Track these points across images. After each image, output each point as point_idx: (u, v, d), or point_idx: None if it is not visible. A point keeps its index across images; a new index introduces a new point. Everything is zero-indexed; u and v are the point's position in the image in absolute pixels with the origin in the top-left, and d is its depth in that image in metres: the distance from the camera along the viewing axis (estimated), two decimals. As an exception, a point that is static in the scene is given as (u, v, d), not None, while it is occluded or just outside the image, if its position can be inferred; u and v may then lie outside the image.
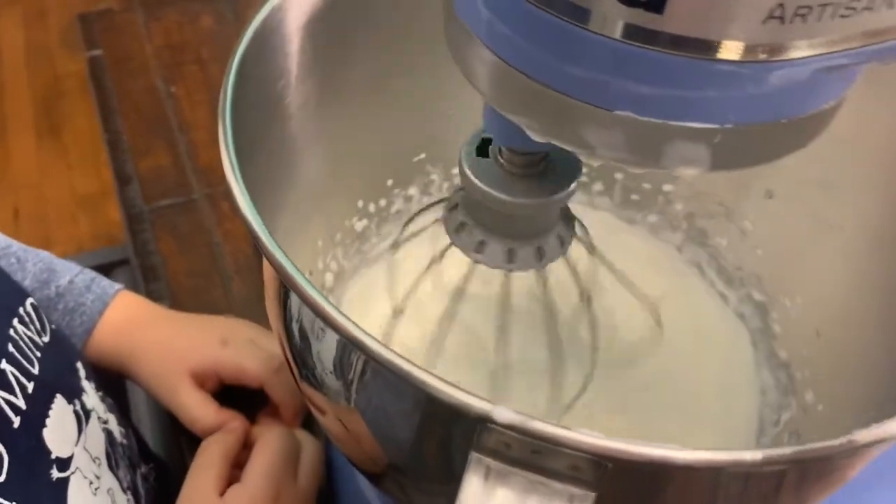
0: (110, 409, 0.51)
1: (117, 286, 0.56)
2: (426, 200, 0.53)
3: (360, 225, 0.50)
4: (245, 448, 0.48)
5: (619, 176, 0.53)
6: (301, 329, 0.32)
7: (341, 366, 0.30)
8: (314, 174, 0.43)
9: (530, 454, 0.24)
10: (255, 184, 0.36)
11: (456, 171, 0.53)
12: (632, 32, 0.23)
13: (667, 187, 0.52)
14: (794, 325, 0.46)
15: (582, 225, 0.39)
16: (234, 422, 0.49)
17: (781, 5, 0.21)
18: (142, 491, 0.51)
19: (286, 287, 0.31)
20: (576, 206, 0.55)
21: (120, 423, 0.52)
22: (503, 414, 0.23)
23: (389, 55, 0.44)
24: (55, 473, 0.40)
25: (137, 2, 0.85)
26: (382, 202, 0.51)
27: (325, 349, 0.31)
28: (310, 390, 0.35)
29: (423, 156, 0.51)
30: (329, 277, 0.48)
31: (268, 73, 0.37)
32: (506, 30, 0.25)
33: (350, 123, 0.44)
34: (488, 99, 0.28)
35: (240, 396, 0.52)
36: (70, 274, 0.55)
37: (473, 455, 0.25)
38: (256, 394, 0.53)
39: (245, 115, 0.35)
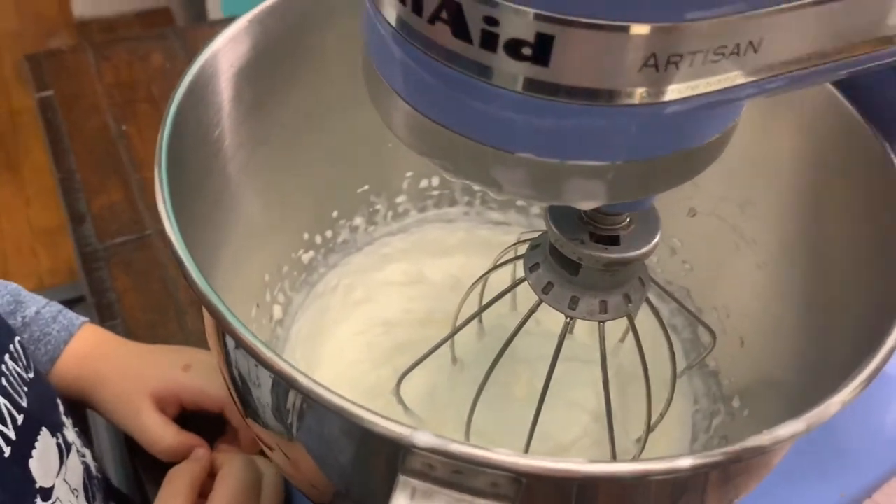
0: (86, 445, 0.53)
1: (83, 319, 0.57)
2: (372, 230, 0.55)
3: (306, 257, 0.51)
4: (209, 476, 0.50)
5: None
6: (241, 371, 0.34)
7: (279, 403, 0.32)
8: (257, 210, 0.45)
9: (453, 474, 0.26)
10: (196, 223, 0.38)
11: (400, 199, 0.55)
12: (525, 84, 0.25)
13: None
14: (721, 335, 0.48)
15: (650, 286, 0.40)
16: (200, 450, 0.50)
17: (654, 55, 0.24)
18: None
19: (227, 338, 0.33)
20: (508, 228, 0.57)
21: (94, 458, 0.53)
22: (423, 438, 0.25)
23: (324, 95, 0.46)
24: (39, 502, 0.42)
25: (87, 41, 0.86)
26: (328, 233, 0.53)
27: (263, 389, 0.32)
28: (256, 427, 0.37)
29: (366, 187, 0.53)
30: (277, 310, 0.49)
31: (205, 120, 0.38)
32: (415, 81, 0.27)
33: (290, 161, 0.46)
34: (404, 142, 0.30)
35: (200, 424, 0.54)
36: (37, 305, 0.56)
37: (400, 477, 0.27)
38: (216, 421, 0.54)
39: (184, 158, 0.37)
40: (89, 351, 0.55)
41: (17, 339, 0.47)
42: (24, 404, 0.43)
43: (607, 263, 0.35)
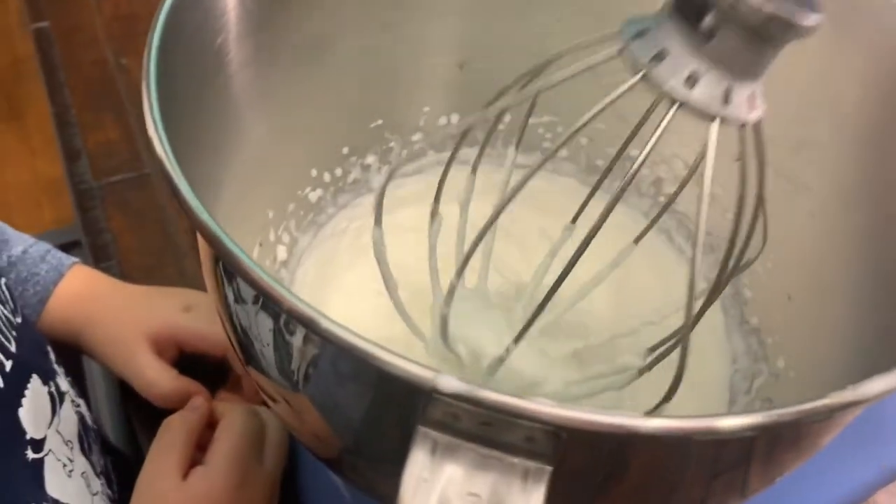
0: (80, 395, 0.49)
1: (73, 259, 0.54)
2: (385, 169, 0.51)
3: (314, 195, 0.47)
4: (208, 427, 0.46)
5: (583, 141, 0.51)
6: (239, 310, 0.30)
7: (282, 345, 0.28)
8: (260, 140, 0.40)
9: (480, 426, 0.23)
10: (193, 149, 0.34)
11: (415, 137, 0.51)
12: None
13: (633, 151, 0.50)
14: (765, 289, 0.44)
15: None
16: (198, 399, 0.47)
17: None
18: (113, 477, 0.49)
19: (223, 265, 0.29)
20: (540, 173, 0.53)
21: (90, 409, 0.50)
22: (448, 383, 0.21)
23: (343, 13, 0.42)
24: (30, 454, 0.39)
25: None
26: (338, 171, 0.49)
27: (264, 328, 0.29)
28: (256, 375, 0.33)
29: (380, 122, 0.49)
30: (281, 250, 0.45)
31: (203, 28, 0.34)
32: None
33: (299, 86, 0.42)
34: None
35: (200, 373, 0.50)
36: (24, 244, 0.53)
37: (419, 429, 0.23)
38: (217, 370, 0.50)
39: (178, 75, 0.32)
40: (81, 291, 0.51)
41: (2, 280, 0.43)
42: (13, 349, 0.40)
43: (769, 19, 0.24)
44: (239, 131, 0.38)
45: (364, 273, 0.48)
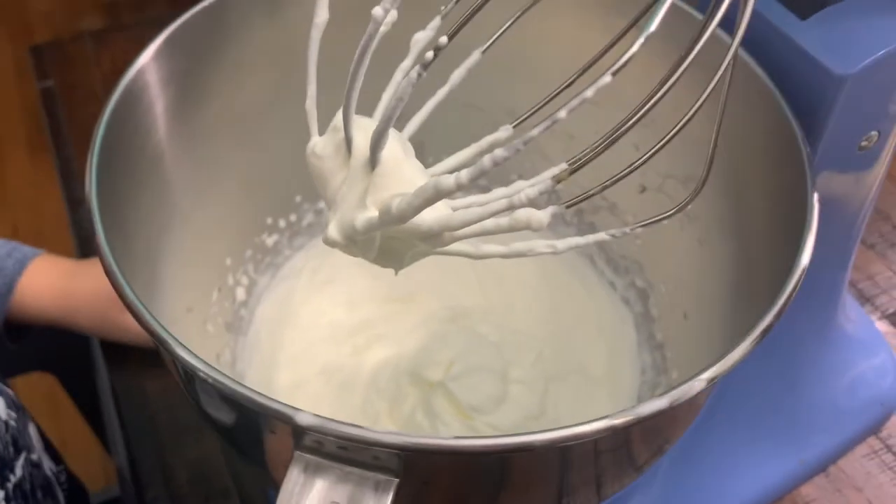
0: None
1: (38, 251, 0.61)
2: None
3: (270, 240, 0.54)
4: None
5: (514, 178, 0.57)
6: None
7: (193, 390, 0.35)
8: (214, 199, 0.47)
9: (339, 450, 0.29)
10: (143, 212, 0.40)
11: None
12: None
13: (557, 187, 0.55)
14: (667, 308, 0.49)
15: None
16: None
17: None
18: (20, 473, 0.53)
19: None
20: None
21: (10, 407, 0.54)
22: (303, 418, 0.27)
23: (272, 85, 0.48)
24: None
25: (116, 22, 0.89)
26: (293, 217, 0.55)
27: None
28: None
29: (328, 171, 0.55)
30: (240, 292, 0.52)
31: (142, 128, 0.41)
32: None
33: (246, 150, 0.48)
34: None
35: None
36: None
37: (295, 453, 0.29)
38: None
39: (124, 157, 0.39)
40: (55, 279, 0.58)
41: None
42: None
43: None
44: (192, 197, 0.45)
45: (318, 307, 0.54)
